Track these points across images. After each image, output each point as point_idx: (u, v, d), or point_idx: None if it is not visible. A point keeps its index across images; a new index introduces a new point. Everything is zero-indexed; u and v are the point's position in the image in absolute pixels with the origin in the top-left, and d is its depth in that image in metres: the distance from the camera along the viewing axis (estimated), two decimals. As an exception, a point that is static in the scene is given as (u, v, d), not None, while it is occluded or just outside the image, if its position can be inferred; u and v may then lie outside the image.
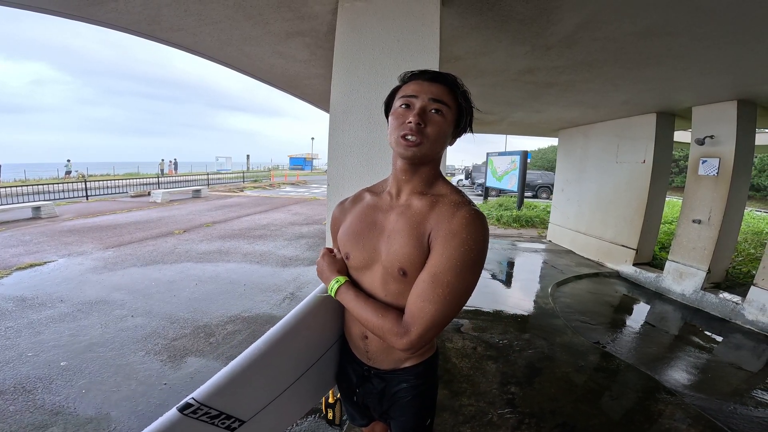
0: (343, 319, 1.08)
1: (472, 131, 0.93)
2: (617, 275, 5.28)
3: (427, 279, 0.77)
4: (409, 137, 0.80)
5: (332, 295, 0.92)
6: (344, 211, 1.01)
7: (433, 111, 0.81)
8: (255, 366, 0.89)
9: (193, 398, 0.80)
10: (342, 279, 0.92)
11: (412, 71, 0.88)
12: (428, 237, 0.81)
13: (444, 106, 0.82)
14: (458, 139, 0.94)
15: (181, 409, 0.78)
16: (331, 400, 1.30)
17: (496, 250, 6.40)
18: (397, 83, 0.91)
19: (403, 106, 0.83)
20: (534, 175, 18.37)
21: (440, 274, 0.76)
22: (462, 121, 0.87)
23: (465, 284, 0.77)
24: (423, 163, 0.86)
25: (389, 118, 0.88)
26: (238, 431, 0.91)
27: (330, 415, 1.29)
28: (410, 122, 0.80)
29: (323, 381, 1.15)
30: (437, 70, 0.86)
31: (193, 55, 3.17)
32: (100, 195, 12.66)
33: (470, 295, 0.79)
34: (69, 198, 11.58)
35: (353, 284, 0.92)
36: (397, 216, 0.87)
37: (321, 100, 5.15)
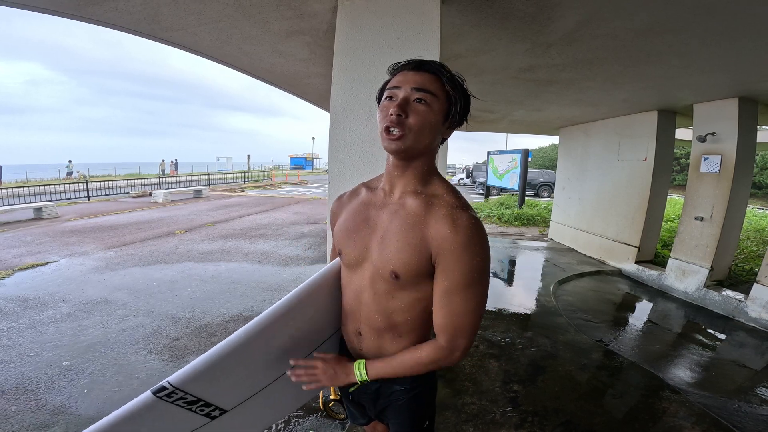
0: (341, 312, 1.03)
1: (466, 121, 0.87)
2: (619, 273, 5.27)
3: (455, 292, 0.79)
4: (391, 130, 0.77)
5: (367, 378, 0.88)
6: (341, 206, 0.99)
7: (416, 101, 0.77)
8: (238, 354, 0.83)
9: (168, 382, 0.77)
10: (360, 361, 0.90)
11: (399, 62, 0.84)
12: (428, 245, 0.79)
13: (428, 94, 0.77)
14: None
15: (155, 392, 0.76)
16: (333, 396, 1.22)
17: (497, 249, 6.38)
18: None
19: (388, 99, 0.80)
20: (535, 174, 18.35)
21: (467, 286, 0.78)
22: (452, 110, 0.81)
23: (485, 287, 0.81)
24: (412, 157, 0.82)
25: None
26: (220, 420, 0.87)
27: (330, 411, 1.24)
28: (391, 114, 0.77)
29: None
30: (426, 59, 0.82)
31: (192, 54, 3.17)
32: (101, 195, 12.67)
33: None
34: (70, 198, 11.59)
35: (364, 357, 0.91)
36: (390, 215, 0.85)
37: (321, 99, 5.14)
